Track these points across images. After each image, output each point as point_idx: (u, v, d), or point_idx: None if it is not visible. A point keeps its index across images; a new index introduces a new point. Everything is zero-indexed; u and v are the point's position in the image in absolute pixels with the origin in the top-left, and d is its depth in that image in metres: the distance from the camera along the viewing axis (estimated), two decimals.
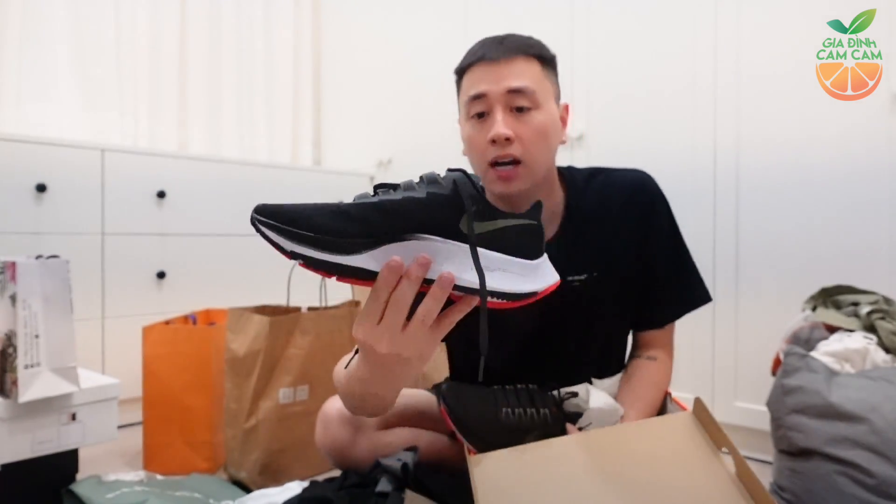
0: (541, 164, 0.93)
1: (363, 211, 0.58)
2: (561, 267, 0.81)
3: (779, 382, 1.17)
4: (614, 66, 1.87)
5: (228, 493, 1.32)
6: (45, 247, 1.74)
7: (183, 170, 2.06)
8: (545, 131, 0.92)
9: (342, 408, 1.05)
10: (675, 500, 0.73)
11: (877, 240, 1.44)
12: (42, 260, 1.17)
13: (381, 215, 0.58)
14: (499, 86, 0.90)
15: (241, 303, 1.58)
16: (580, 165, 1.11)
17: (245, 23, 2.70)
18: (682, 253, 1.06)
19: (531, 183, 0.93)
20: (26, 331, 1.13)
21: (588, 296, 1.00)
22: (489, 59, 0.92)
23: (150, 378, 1.55)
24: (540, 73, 0.94)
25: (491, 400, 0.97)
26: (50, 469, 1.25)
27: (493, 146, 0.90)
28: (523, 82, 0.90)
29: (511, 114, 0.91)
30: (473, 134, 0.93)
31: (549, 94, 0.95)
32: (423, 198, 0.59)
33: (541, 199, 0.68)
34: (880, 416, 1.00)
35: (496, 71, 0.91)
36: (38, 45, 2.12)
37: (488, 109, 0.91)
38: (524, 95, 0.90)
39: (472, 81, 0.94)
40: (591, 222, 1.01)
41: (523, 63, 0.92)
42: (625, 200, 1.01)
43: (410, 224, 0.58)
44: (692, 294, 1.05)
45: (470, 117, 0.94)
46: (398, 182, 0.63)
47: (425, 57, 2.42)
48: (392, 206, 0.58)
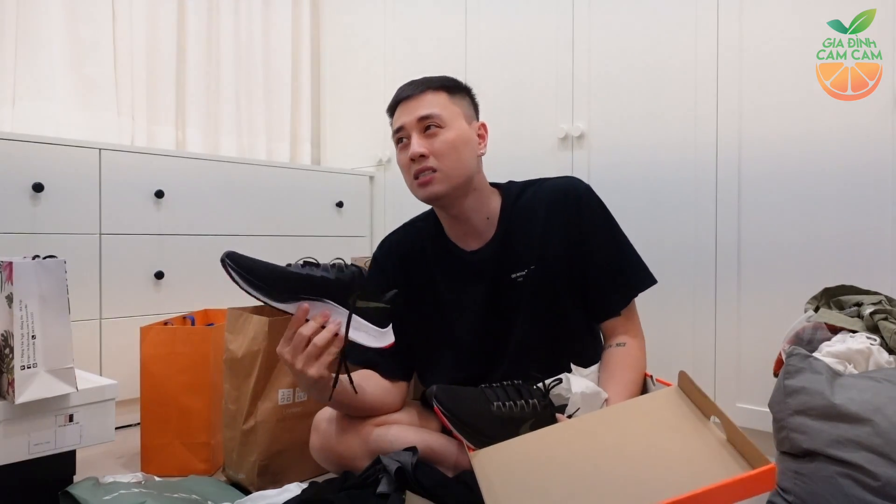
0: (456, 171, 1.12)
1: (296, 278, 0.95)
2: (503, 266, 1.17)
3: (781, 383, 1.16)
4: (614, 66, 1.87)
5: (227, 495, 1.31)
6: (41, 247, 1.73)
7: (181, 169, 2.05)
8: (455, 144, 1.12)
9: (333, 411, 1.20)
10: (670, 465, 0.75)
11: (880, 239, 1.43)
12: (39, 260, 1.15)
13: (306, 283, 0.96)
14: (411, 116, 1.13)
15: (240, 303, 1.57)
16: (580, 165, 1.24)
17: (244, 21, 2.69)
18: (620, 243, 1.19)
19: (449, 186, 1.12)
20: (23, 331, 1.12)
21: (532, 289, 1.16)
22: (404, 98, 1.15)
23: (148, 379, 1.54)
24: (446, 100, 1.15)
25: (481, 396, 1.02)
26: (47, 471, 1.24)
27: (413, 163, 1.12)
28: (430, 110, 1.12)
29: (423, 136, 1.12)
30: (400, 157, 1.17)
31: (456, 116, 1.15)
32: (332, 279, 0.97)
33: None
34: (884, 418, 1.00)
35: (410, 106, 1.14)
36: (34, 43, 2.11)
37: (407, 137, 1.14)
38: (431, 119, 1.12)
39: (395, 118, 1.17)
40: (523, 223, 1.18)
41: (430, 95, 1.14)
42: (552, 201, 1.18)
43: (321, 291, 0.97)
44: (635, 278, 1.19)
45: (397, 146, 1.18)
46: (319, 262, 0.99)
47: (425, 56, 2.41)
48: (313, 279, 0.96)
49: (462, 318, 1.20)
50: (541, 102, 2.03)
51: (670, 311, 1.74)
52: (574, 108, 1.95)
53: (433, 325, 1.22)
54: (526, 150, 2.05)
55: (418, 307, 1.22)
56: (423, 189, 1.13)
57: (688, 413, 0.80)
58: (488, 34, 2.20)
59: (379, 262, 1.27)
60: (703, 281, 1.70)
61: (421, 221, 1.30)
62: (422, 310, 1.22)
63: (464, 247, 1.21)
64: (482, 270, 1.19)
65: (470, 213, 1.18)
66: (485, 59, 2.19)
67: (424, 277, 1.23)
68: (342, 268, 0.99)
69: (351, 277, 0.98)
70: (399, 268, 1.24)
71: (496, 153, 1.26)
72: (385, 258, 1.27)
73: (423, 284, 1.23)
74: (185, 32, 2.51)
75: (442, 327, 1.21)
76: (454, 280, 1.21)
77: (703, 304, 1.70)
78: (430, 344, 1.22)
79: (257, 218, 2.24)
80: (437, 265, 1.23)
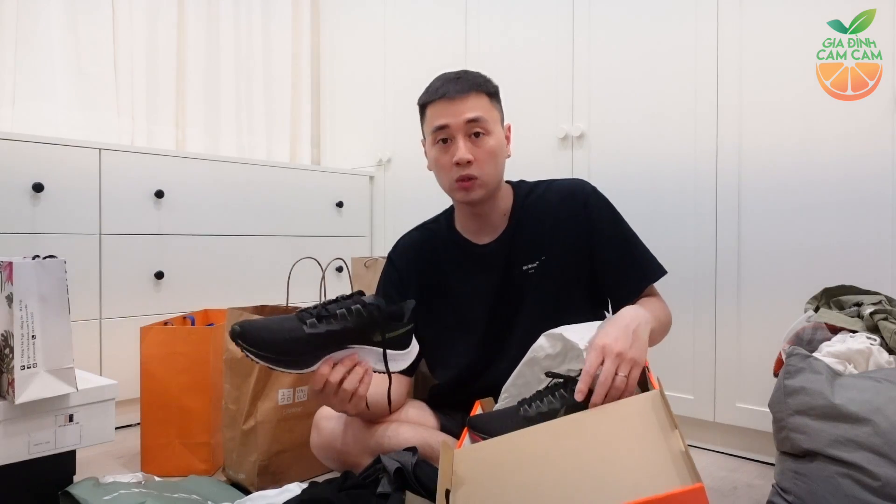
0: (493, 178, 1.18)
1: (318, 340, 0.91)
2: (515, 258, 1.23)
3: (781, 383, 1.16)
4: (615, 66, 1.87)
5: (227, 495, 1.31)
6: (41, 247, 1.73)
7: (181, 169, 2.05)
8: (495, 152, 1.17)
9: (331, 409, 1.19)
10: (619, 474, 0.76)
11: (880, 239, 1.43)
12: (39, 260, 1.15)
13: (329, 339, 0.92)
14: (458, 118, 1.14)
15: (240, 303, 1.57)
16: (580, 165, 1.28)
17: (243, 20, 2.69)
18: (630, 238, 1.24)
19: (486, 192, 1.18)
20: (23, 331, 1.12)
21: (540, 280, 1.21)
22: (448, 96, 1.14)
23: (148, 379, 1.54)
24: (489, 104, 1.18)
25: (509, 410, 1.01)
26: (47, 471, 1.24)
27: (457, 167, 1.15)
28: (477, 113, 1.14)
29: (469, 139, 1.15)
30: (440, 156, 1.18)
31: (496, 121, 1.19)
32: (353, 327, 0.93)
33: None
34: (884, 418, 1.00)
35: (455, 106, 1.14)
36: (34, 43, 2.11)
37: (451, 137, 1.15)
38: (478, 123, 1.14)
39: (435, 114, 1.16)
40: (533, 218, 1.23)
41: (475, 98, 1.15)
42: (560, 199, 1.24)
43: (344, 342, 0.94)
44: (650, 269, 1.23)
45: (436, 143, 1.18)
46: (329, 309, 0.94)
47: (425, 56, 2.41)
48: (334, 334, 0.92)
49: (472, 305, 1.25)
50: (541, 102, 2.03)
51: (670, 310, 1.74)
52: (574, 107, 1.95)
53: (444, 314, 1.26)
54: (526, 149, 2.05)
55: (429, 303, 1.26)
56: (464, 193, 1.17)
57: (655, 422, 0.80)
58: (488, 34, 2.20)
59: (394, 261, 1.32)
60: (703, 280, 1.70)
61: (432, 223, 1.35)
62: (432, 304, 1.27)
63: (476, 241, 1.26)
64: (493, 262, 1.24)
65: (491, 210, 1.24)
66: (485, 59, 2.19)
67: (437, 274, 1.28)
68: (360, 308, 0.95)
69: (370, 316, 0.95)
70: (413, 266, 1.29)
71: None
72: (399, 257, 1.32)
73: (435, 281, 1.28)
74: (185, 32, 2.51)
75: (452, 314, 1.26)
76: (466, 272, 1.27)
77: (703, 304, 1.70)
78: (440, 332, 1.26)
79: (257, 218, 2.24)
80: (448, 262, 1.28)
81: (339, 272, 2.44)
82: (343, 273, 2.45)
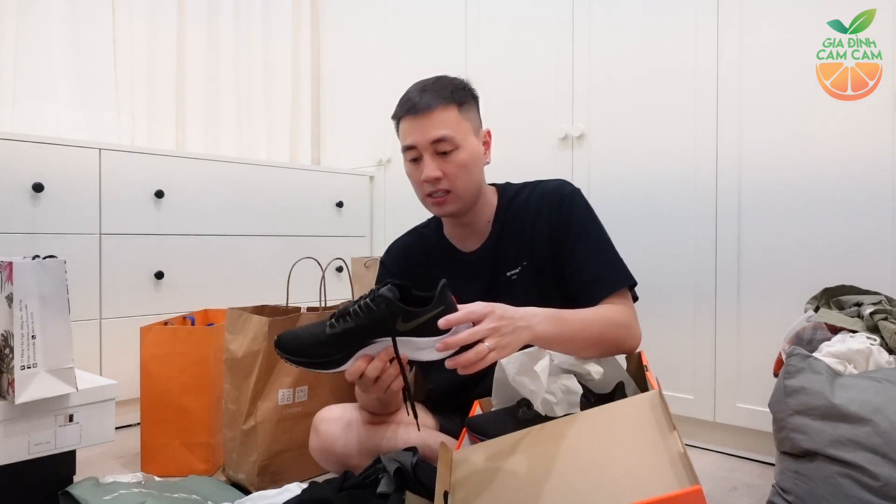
0: (467, 190, 1.15)
1: (339, 339, 0.91)
2: (499, 264, 1.21)
3: (781, 383, 1.16)
4: (615, 65, 1.87)
5: (227, 495, 1.31)
6: (41, 247, 1.73)
7: (181, 169, 2.05)
8: (467, 165, 1.14)
9: (332, 412, 1.22)
10: (617, 476, 0.75)
11: (880, 239, 1.43)
12: (39, 260, 1.15)
13: (349, 338, 0.91)
14: (424, 137, 1.11)
15: (240, 303, 1.57)
16: (580, 165, 1.21)
17: (244, 21, 2.69)
18: (599, 241, 1.19)
19: (461, 204, 1.16)
20: (23, 331, 1.12)
21: (525, 286, 1.19)
22: (412, 113, 1.12)
23: (148, 379, 1.54)
24: (457, 116, 1.13)
25: (507, 412, 1.01)
26: (47, 471, 1.24)
27: (427, 183, 1.13)
28: (442, 132, 1.11)
29: (437, 157, 1.12)
30: (411, 172, 1.18)
31: (467, 132, 1.15)
32: (367, 323, 0.91)
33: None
34: (884, 418, 1.00)
35: (420, 123, 1.12)
36: (34, 43, 2.11)
37: (419, 156, 1.13)
38: (445, 142, 1.11)
39: (403, 132, 1.15)
40: (516, 223, 1.22)
41: (441, 112, 1.11)
42: (540, 201, 1.21)
43: (367, 337, 0.91)
44: (614, 278, 1.15)
45: (406, 157, 1.17)
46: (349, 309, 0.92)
47: (425, 55, 2.41)
48: (351, 332, 0.91)
49: None
50: (541, 102, 2.03)
51: (670, 311, 1.74)
52: (574, 108, 1.95)
53: None
54: (526, 150, 2.05)
55: None
56: (438, 208, 1.17)
57: (653, 423, 0.80)
58: (488, 34, 2.20)
59: (387, 265, 1.32)
60: (703, 280, 1.70)
61: (424, 227, 1.34)
62: None
63: (463, 248, 1.26)
64: (479, 270, 1.23)
65: (474, 218, 1.23)
66: (485, 59, 2.19)
67: (427, 278, 1.25)
68: (369, 302, 0.93)
69: (382, 309, 0.93)
70: (404, 270, 1.28)
71: (496, 153, 1.26)
72: (392, 262, 1.32)
73: (426, 285, 1.25)
74: (185, 32, 2.51)
75: None
76: (454, 278, 1.24)
77: (703, 304, 1.70)
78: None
79: (257, 218, 2.24)
80: (438, 267, 1.27)
81: (339, 272, 2.44)
82: (343, 273, 2.45)
